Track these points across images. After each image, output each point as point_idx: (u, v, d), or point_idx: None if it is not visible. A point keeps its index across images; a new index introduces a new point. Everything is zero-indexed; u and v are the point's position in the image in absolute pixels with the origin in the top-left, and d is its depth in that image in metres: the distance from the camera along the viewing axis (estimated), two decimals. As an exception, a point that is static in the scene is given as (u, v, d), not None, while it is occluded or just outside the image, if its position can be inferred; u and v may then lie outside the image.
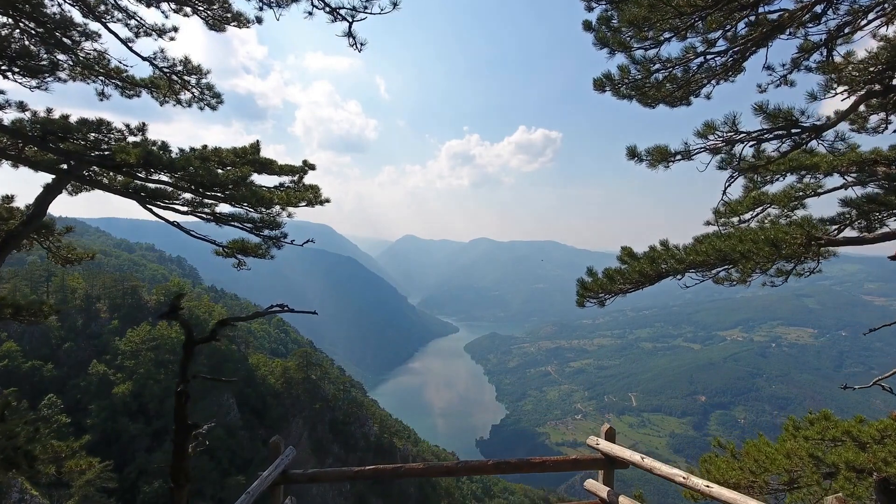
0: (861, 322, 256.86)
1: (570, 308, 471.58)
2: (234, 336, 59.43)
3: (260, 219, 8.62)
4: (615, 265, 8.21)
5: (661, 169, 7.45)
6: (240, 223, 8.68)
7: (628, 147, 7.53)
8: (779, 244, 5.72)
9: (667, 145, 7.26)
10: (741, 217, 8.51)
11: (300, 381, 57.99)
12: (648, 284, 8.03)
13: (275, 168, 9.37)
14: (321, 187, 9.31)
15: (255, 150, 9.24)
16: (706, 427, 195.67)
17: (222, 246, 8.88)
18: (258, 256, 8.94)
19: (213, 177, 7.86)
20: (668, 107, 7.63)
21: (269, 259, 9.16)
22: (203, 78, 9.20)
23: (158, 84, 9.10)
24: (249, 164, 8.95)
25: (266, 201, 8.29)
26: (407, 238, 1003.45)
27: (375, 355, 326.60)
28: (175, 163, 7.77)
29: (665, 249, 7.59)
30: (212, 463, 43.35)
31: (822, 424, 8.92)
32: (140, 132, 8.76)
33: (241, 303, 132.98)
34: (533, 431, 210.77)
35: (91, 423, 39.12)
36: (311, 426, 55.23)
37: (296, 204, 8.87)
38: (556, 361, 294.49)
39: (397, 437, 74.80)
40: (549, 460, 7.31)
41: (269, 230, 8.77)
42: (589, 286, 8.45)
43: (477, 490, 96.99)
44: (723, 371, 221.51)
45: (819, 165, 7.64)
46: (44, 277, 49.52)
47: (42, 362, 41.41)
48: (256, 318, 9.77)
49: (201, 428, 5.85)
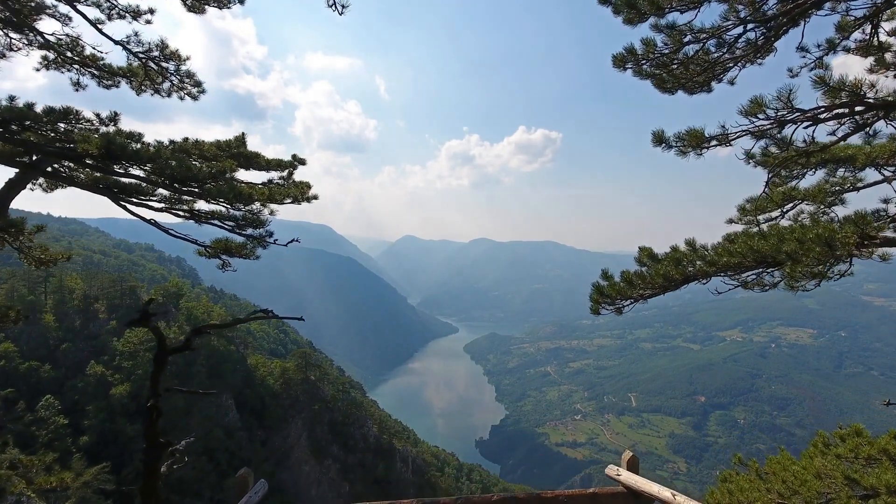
0: (860, 322, 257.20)
1: (570, 308, 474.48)
2: (233, 337, 59.21)
3: (242, 216, 8.09)
4: (625, 267, 7.54)
5: (693, 157, 6.69)
6: (220, 221, 8.13)
7: (655, 132, 6.70)
8: (833, 244, 5.03)
9: (702, 129, 6.44)
10: (768, 215, 7.84)
11: (299, 381, 57.81)
12: (673, 289, 7.33)
13: (261, 162, 8.86)
14: (313, 185, 8.85)
15: (239, 144, 8.73)
16: (706, 427, 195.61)
17: (205, 246, 8.34)
18: (243, 257, 8.40)
19: (187, 170, 7.34)
20: (687, 93, 6.89)
21: (255, 259, 8.56)
22: (182, 65, 8.58)
23: (135, 72, 8.47)
24: (233, 157, 8.46)
25: (245, 197, 7.75)
26: (407, 238, 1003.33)
27: (375, 356, 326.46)
28: (141, 153, 7.17)
29: (691, 250, 6.94)
30: (210, 464, 43.19)
31: (854, 441, 8.15)
32: (112, 122, 8.17)
33: (241, 303, 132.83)
34: (532, 432, 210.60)
35: (89, 425, 38.88)
36: (310, 427, 55.03)
37: (280, 200, 8.37)
38: (555, 362, 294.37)
39: (397, 438, 74.64)
40: (562, 494, 6.40)
41: (253, 228, 8.21)
42: (606, 291, 7.58)
43: (477, 491, 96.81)
44: (722, 371, 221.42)
45: (855, 157, 6.92)
46: (42, 278, 49.32)
47: (39, 363, 41.17)
48: (237, 325, 9.00)
49: (177, 444, 5.53)
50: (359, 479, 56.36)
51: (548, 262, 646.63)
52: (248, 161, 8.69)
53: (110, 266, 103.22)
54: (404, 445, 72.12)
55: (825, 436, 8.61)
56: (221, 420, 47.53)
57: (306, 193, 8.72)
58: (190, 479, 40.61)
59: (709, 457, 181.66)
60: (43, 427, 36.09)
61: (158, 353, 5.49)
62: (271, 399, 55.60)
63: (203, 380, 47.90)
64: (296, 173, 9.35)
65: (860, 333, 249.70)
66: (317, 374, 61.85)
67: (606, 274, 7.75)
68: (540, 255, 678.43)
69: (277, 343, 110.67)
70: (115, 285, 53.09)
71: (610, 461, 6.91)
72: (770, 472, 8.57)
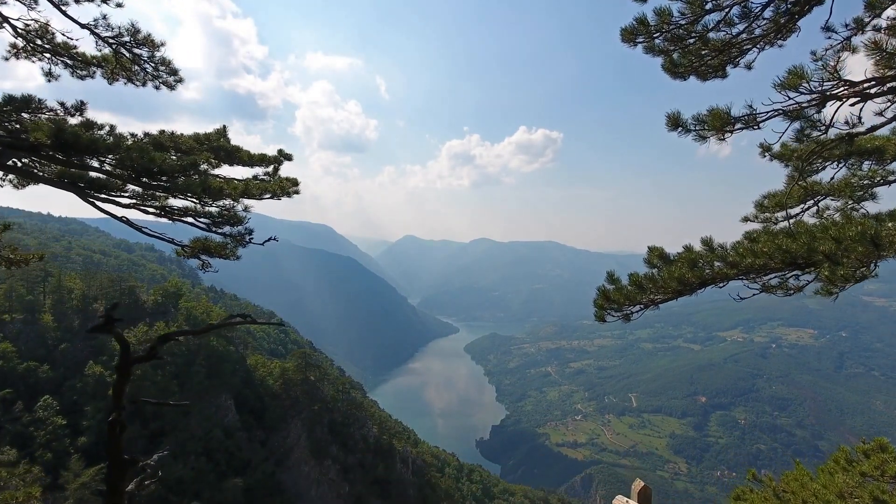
0: (861, 323, 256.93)
1: (571, 309, 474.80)
2: (233, 337, 59.01)
3: (218, 213, 7.57)
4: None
5: (713, 141, 6.02)
6: (195, 218, 7.61)
7: (670, 114, 6.00)
8: (879, 242, 4.49)
9: (727, 108, 5.67)
10: (787, 211, 7.26)
11: (299, 382, 57.62)
12: (688, 293, 6.57)
13: (244, 157, 8.28)
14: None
15: (219, 136, 8.17)
16: (706, 428, 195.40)
17: (182, 245, 7.89)
18: (223, 257, 7.87)
19: (150, 162, 6.70)
20: (700, 79, 6.28)
21: (235, 260, 8.03)
22: (157, 51, 7.96)
23: (107, 59, 7.87)
24: (212, 151, 7.92)
25: (214, 191, 7.15)
26: (407, 238, 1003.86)
27: (375, 356, 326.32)
28: (98, 143, 6.60)
29: (709, 250, 6.29)
30: (209, 465, 43.01)
31: (879, 458, 7.64)
32: (79, 112, 7.53)
33: (241, 303, 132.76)
34: (533, 432, 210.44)
35: (87, 425, 38.64)
36: (309, 427, 54.84)
37: (257, 196, 7.77)
38: (556, 362, 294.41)
39: (397, 439, 74.46)
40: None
41: (231, 226, 7.70)
42: (612, 296, 6.84)
43: (477, 491, 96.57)
44: (723, 372, 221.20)
45: (884, 150, 6.39)
46: (40, 278, 49.18)
47: (38, 363, 40.99)
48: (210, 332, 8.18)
49: (146, 460, 5.17)
50: (359, 479, 56.17)
51: (548, 262, 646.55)
52: (229, 155, 8.14)
53: (110, 266, 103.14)
54: (404, 446, 71.93)
55: (847, 451, 8.09)
56: (221, 420, 47.35)
57: (286, 188, 8.16)
58: (189, 479, 40.43)
59: (709, 457, 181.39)
60: (41, 428, 35.92)
61: (121, 362, 5.08)
62: (271, 399, 55.40)
63: (202, 380, 47.72)
64: (283, 169, 8.82)
65: (861, 334, 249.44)
66: (316, 374, 61.65)
67: (612, 277, 7.01)
68: (540, 255, 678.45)
69: (277, 343, 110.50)
70: (115, 285, 52.92)
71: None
72: (788, 491, 8.05)
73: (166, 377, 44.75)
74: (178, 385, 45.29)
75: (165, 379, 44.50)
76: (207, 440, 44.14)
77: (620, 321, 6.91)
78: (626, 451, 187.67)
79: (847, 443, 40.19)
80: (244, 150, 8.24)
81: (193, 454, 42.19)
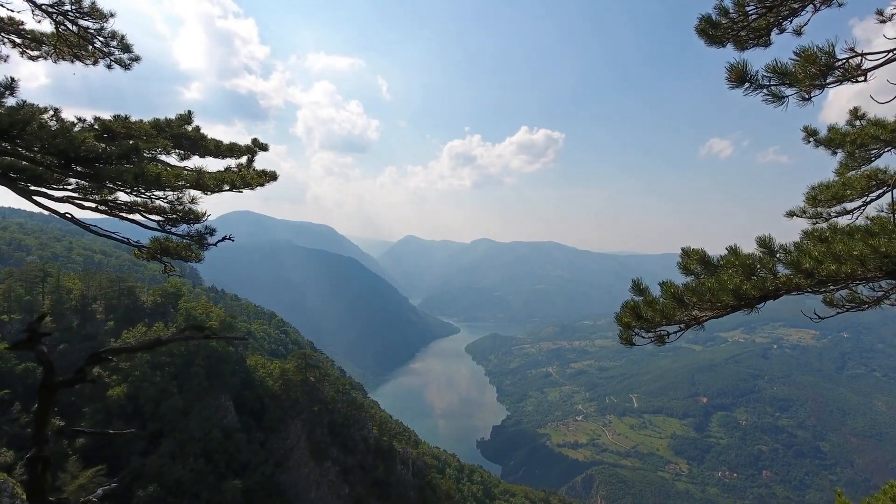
0: (862, 323, 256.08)
1: (572, 309, 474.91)
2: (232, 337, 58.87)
3: (171, 209, 6.69)
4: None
5: (798, 100, 4.80)
6: (142, 215, 6.80)
7: (733, 66, 4.71)
8: None
9: (829, 45, 4.31)
10: (844, 206, 6.28)
11: (299, 382, 57.38)
12: (744, 308, 5.36)
13: (209, 146, 7.47)
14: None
15: (182, 122, 7.31)
16: (707, 428, 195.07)
17: (138, 246, 7.14)
18: (185, 259, 7.16)
19: (70, 146, 5.84)
20: (738, 48, 5.26)
21: (198, 262, 7.34)
22: (105, 23, 7.07)
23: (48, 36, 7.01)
24: (174, 139, 7.17)
25: (151, 180, 6.16)
26: (408, 239, 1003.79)
27: (376, 356, 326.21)
28: (18, 124, 5.65)
29: (767, 253, 5.15)
30: (208, 466, 42.78)
31: None
32: (9, 91, 6.51)
33: (242, 303, 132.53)
34: (534, 432, 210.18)
35: (85, 426, 38.59)
36: (309, 429, 54.60)
37: (213, 188, 6.86)
38: (557, 362, 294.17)
39: (397, 440, 74.24)
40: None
41: (188, 224, 6.85)
42: (644, 313, 5.52)
43: (478, 492, 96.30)
44: (724, 372, 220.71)
45: None
46: (39, 278, 49.03)
47: (36, 364, 40.90)
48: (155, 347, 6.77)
49: (90, 496, 4.63)
50: (359, 481, 55.94)
51: (549, 263, 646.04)
52: (193, 144, 7.38)
53: (111, 266, 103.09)
54: (404, 447, 71.70)
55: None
56: (220, 421, 47.09)
57: (255, 181, 7.31)
58: (188, 481, 40.21)
59: (711, 458, 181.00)
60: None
61: (43, 385, 4.30)
62: (270, 400, 55.18)
63: (202, 381, 47.50)
64: (258, 159, 7.98)
65: (862, 335, 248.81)
66: (317, 374, 61.44)
67: (639, 286, 5.68)
68: (541, 256, 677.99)
69: (277, 343, 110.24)
70: (114, 285, 52.75)
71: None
72: None
73: (165, 378, 44.54)
74: (176, 386, 45.08)
75: (164, 380, 44.30)
76: (206, 441, 43.90)
77: (653, 343, 5.79)
78: (627, 452, 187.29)
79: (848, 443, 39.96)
80: (210, 139, 7.52)
81: (192, 455, 41.94)
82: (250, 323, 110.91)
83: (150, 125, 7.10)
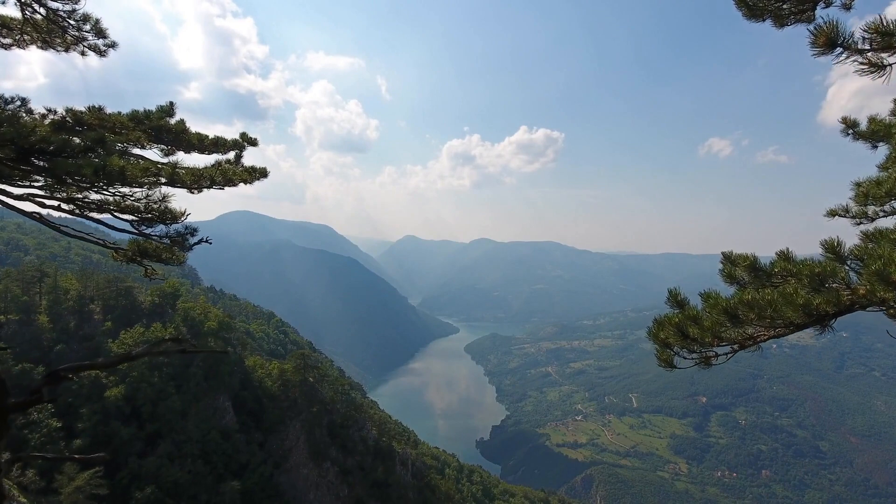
0: (862, 323, 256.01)
1: (571, 309, 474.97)
2: (231, 338, 58.62)
3: (145, 207, 6.21)
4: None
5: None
6: (112, 213, 6.33)
7: (819, 27, 4.02)
8: None
9: None
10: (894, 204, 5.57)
11: (298, 383, 57.18)
12: (812, 325, 4.45)
13: (192, 139, 6.92)
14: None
15: (164, 114, 6.76)
16: (707, 428, 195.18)
17: (114, 248, 6.84)
18: (165, 262, 6.69)
19: (21, 135, 5.36)
20: (777, 25, 4.60)
21: (179, 265, 6.91)
22: (76, 5, 6.49)
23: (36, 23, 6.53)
24: (152, 132, 6.65)
25: (114, 174, 5.58)
26: (408, 239, 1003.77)
27: (376, 356, 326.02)
28: None
29: (836, 259, 4.42)
30: (206, 467, 42.57)
31: None
32: None
33: (241, 304, 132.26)
34: (533, 432, 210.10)
35: (82, 428, 38.22)
36: (308, 429, 54.37)
37: (190, 184, 6.31)
38: (556, 362, 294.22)
39: (396, 441, 74.04)
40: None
41: (164, 224, 6.40)
42: (690, 331, 4.64)
43: (477, 492, 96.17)
44: (723, 372, 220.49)
45: None
46: (36, 278, 48.73)
47: (33, 365, 40.51)
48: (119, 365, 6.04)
49: None
50: (358, 482, 55.73)
51: (549, 263, 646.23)
52: (175, 138, 6.87)
53: (109, 266, 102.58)
54: (404, 448, 71.50)
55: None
56: (218, 422, 46.87)
57: (237, 178, 6.79)
58: (186, 482, 40.01)
59: (710, 457, 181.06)
60: (36, 430, 35.49)
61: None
62: (269, 401, 54.98)
63: (200, 381, 47.29)
64: (253, 156, 7.79)
65: (862, 334, 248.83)
66: (315, 375, 61.22)
67: (677, 297, 4.91)
68: (541, 256, 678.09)
69: (277, 344, 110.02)
70: (111, 286, 52.47)
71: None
72: None
73: (163, 379, 44.33)
74: (174, 387, 44.86)
75: (162, 381, 44.08)
76: (204, 442, 43.70)
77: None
78: (626, 452, 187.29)
79: (847, 442, 39.81)
80: (194, 133, 6.95)
81: (190, 457, 41.75)
82: (249, 323, 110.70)
83: (127, 117, 6.65)
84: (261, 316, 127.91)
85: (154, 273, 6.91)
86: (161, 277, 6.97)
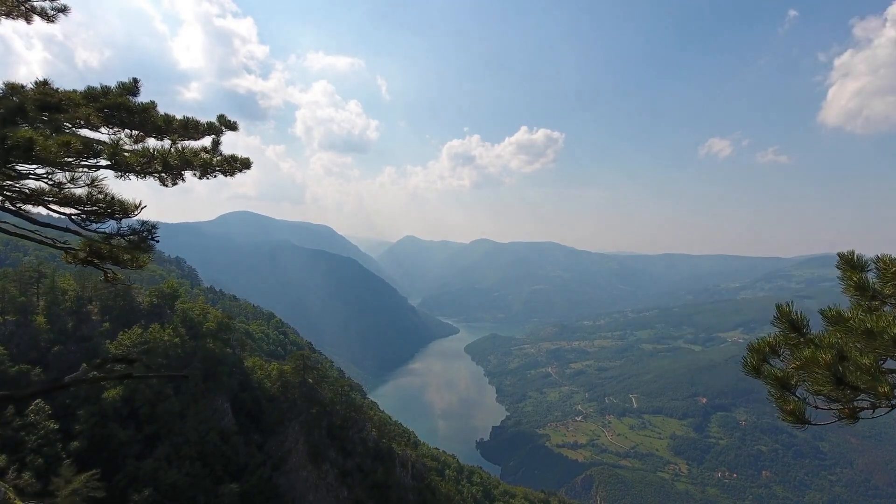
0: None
1: (571, 309, 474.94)
2: (230, 339, 58.28)
3: (87, 198, 5.17)
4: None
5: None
6: (45, 206, 5.29)
7: None
8: None
9: None
10: None
11: (297, 384, 56.89)
12: None
13: (158, 121, 5.90)
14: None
15: (122, 92, 5.83)
16: (707, 429, 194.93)
17: (66, 248, 5.98)
18: (122, 265, 5.79)
19: None
20: None
21: (138, 268, 5.84)
22: None
23: None
24: (108, 109, 5.67)
25: (19, 149, 4.47)
26: (407, 239, 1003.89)
27: (376, 356, 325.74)
28: None
29: None
30: (205, 469, 42.27)
31: None
32: None
33: (240, 304, 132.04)
34: (533, 433, 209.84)
35: (80, 430, 37.90)
36: (307, 431, 54.07)
37: (138, 169, 5.27)
38: (556, 363, 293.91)
39: (396, 442, 73.71)
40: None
41: (114, 219, 5.46)
42: (847, 375, 3.25)
43: (477, 493, 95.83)
44: (724, 373, 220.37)
45: None
46: (34, 279, 48.45)
47: (30, 366, 40.27)
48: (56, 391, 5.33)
49: None
50: (357, 483, 55.40)
51: (549, 263, 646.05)
52: (137, 119, 5.76)
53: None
54: (404, 449, 71.17)
55: None
56: (217, 424, 46.58)
57: (190, 158, 5.68)
58: (184, 485, 39.70)
59: (710, 458, 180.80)
60: (33, 432, 35.17)
61: None
62: (268, 402, 54.70)
63: (198, 382, 47.01)
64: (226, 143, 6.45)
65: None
66: (315, 376, 60.94)
67: (791, 315, 3.75)
68: (541, 256, 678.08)
69: (277, 344, 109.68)
70: (109, 286, 52.17)
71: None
72: None
73: (161, 380, 44.02)
74: (173, 388, 44.55)
75: (160, 382, 43.75)
76: (203, 444, 43.40)
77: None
78: (626, 453, 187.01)
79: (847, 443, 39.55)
80: (158, 114, 5.82)
81: (188, 459, 41.43)
82: (248, 323, 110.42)
83: (81, 95, 5.72)
84: (260, 316, 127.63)
85: (115, 278, 6.00)
86: (122, 281, 6.15)
